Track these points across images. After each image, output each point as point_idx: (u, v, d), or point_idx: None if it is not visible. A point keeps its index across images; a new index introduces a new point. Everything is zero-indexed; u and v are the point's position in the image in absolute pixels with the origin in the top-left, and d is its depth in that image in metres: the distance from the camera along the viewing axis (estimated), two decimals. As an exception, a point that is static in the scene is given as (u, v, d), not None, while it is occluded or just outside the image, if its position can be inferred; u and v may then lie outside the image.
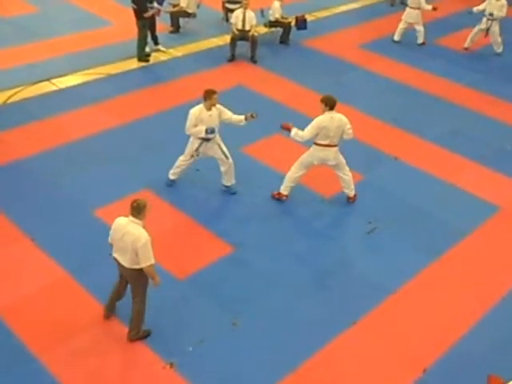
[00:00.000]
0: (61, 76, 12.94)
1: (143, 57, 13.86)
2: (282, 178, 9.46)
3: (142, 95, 12.46)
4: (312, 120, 8.77)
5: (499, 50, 15.66)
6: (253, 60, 14.22)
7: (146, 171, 9.93)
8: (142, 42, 13.76)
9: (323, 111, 8.82)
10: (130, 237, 6.27)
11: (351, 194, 9.51)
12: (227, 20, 15.90)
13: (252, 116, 9.06)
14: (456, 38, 15.82)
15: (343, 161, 9.20)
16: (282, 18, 15.27)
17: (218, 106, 9.02)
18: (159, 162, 10.13)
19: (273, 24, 15.35)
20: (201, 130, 8.89)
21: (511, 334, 7.40)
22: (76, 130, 11.00)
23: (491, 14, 14.98)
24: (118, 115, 11.58)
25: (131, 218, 6.36)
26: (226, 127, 9.23)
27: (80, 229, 8.52)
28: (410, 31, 15.77)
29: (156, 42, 14.45)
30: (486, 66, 14.95)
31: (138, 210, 6.31)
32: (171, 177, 9.64)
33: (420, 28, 15.68)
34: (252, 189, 9.66)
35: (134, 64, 13.74)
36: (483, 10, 15.23)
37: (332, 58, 14.78)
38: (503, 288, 8.13)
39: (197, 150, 9.15)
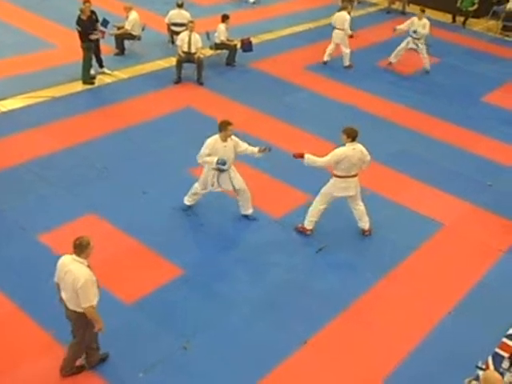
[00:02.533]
0: (3, 99, 12.67)
1: (88, 79, 13.73)
2: (220, 199, 9.43)
3: (88, 118, 12.30)
4: (257, 140, 8.78)
5: (428, 67, 16.15)
6: (199, 82, 14.25)
7: (91, 195, 9.77)
8: (86, 65, 13.63)
9: (345, 142, 8.74)
10: (71, 276, 6.11)
11: (366, 226, 9.35)
12: (173, 42, 15.93)
13: (265, 149, 9.06)
14: (398, 60, 16.21)
15: (359, 191, 9.13)
16: (228, 40, 15.40)
17: (233, 137, 8.98)
18: (104, 186, 10.00)
19: (219, 46, 15.44)
20: (212, 161, 8.81)
21: (457, 349, 7.53)
22: (19, 154, 10.75)
23: (415, 32, 15.55)
24: (63, 139, 11.38)
25: (74, 256, 6.19)
26: (166, 148, 9.12)
27: (24, 256, 8.32)
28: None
29: (101, 65, 14.34)
30: (426, 87, 15.36)
31: (80, 248, 6.13)
32: (187, 203, 9.53)
33: (346, 50, 15.93)
34: (202, 210, 9.62)
35: (79, 87, 13.58)
36: (407, 30, 15.81)
37: (277, 79, 14.94)
38: (449, 303, 8.30)
39: (212, 180, 9.09)
